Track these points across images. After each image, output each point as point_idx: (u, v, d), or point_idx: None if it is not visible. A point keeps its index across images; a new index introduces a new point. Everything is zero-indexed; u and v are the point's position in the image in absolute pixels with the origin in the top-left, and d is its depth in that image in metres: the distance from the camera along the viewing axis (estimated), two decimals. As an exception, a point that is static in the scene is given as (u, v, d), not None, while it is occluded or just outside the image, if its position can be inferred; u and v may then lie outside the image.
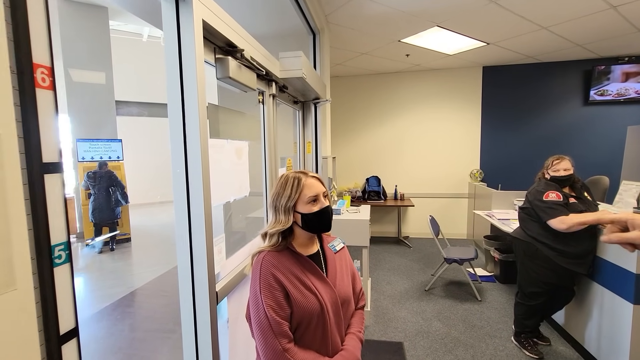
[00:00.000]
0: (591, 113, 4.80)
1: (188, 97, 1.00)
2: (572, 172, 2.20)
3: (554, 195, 2.14)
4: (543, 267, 2.21)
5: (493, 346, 2.45)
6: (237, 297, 1.35)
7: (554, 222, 2.08)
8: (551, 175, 2.23)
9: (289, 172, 1.03)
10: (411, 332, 2.65)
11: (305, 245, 1.05)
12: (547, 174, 2.27)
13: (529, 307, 2.34)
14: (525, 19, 3.27)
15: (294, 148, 2.66)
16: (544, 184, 2.24)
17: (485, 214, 3.73)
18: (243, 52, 1.29)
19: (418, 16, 3.20)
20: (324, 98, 2.52)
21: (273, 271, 0.94)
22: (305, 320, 0.94)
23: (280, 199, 0.99)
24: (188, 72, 1.00)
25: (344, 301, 1.03)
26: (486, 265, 3.98)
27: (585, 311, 2.27)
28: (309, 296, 0.94)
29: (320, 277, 1.00)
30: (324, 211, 0.99)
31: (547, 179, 2.26)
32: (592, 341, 2.20)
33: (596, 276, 2.16)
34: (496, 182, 4.91)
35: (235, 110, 1.56)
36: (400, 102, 5.40)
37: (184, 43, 1.00)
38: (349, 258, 1.17)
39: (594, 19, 3.27)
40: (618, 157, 4.49)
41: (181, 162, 1.01)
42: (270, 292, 0.91)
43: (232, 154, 1.42)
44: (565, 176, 2.19)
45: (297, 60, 1.77)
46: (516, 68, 4.95)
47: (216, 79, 1.25)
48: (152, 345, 2.64)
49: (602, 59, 4.64)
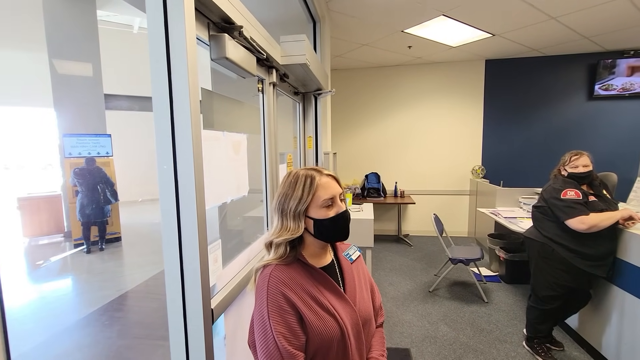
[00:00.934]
0: (596, 108, 4.70)
1: (177, 79, 0.82)
2: (591, 169, 2.07)
3: (572, 193, 2.00)
4: (559, 270, 2.08)
5: (504, 352, 2.33)
6: (235, 310, 1.18)
7: (573, 222, 1.95)
8: (569, 172, 2.10)
9: (299, 170, 0.86)
10: (418, 338, 2.52)
11: (318, 256, 0.88)
12: (565, 171, 2.13)
13: (542, 312, 2.22)
14: (534, 8, 3.12)
15: (294, 143, 2.49)
16: (561, 181, 2.10)
17: (490, 212, 3.60)
18: (242, 29, 1.11)
19: (424, 4, 3.03)
20: (326, 89, 2.35)
21: (283, 290, 0.77)
22: (323, 349, 0.78)
23: (288, 202, 0.82)
24: (176, 49, 0.82)
25: (366, 321, 0.87)
26: (490, 264, 3.86)
27: (602, 316, 2.15)
28: (326, 319, 0.78)
29: (338, 294, 0.84)
30: (342, 216, 0.83)
31: (564, 175, 2.13)
32: (610, 347, 2.08)
33: (616, 279, 2.04)
34: (498, 178, 4.78)
35: (233, 98, 1.39)
36: (400, 96, 5.24)
37: (171, 14, 0.82)
38: (366, 268, 1.01)
39: (606, 9, 3.14)
40: (624, 153, 4.41)
41: (169, 156, 0.83)
42: (280, 316, 0.75)
43: (229, 148, 1.25)
44: (585, 173, 2.05)
45: (300, 45, 1.60)
46: (519, 61, 4.81)
47: (210, 61, 1.07)
48: (142, 353, 2.47)
49: (608, 53, 4.52)
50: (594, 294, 2.20)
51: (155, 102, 0.83)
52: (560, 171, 2.18)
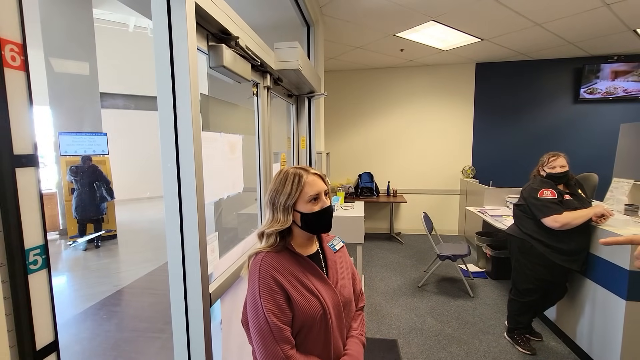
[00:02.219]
0: (581, 111, 4.86)
1: (180, 86, 0.93)
2: (567, 170, 2.20)
3: (548, 192, 2.14)
4: (537, 264, 2.21)
5: (486, 342, 2.46)
6: (230, 297, 1.28)
7: (548, 221, 2.09)
8: (547, 173, 2.23)
9: (289, 168, 0.97)
10: (405, 329, 2.64)
11: (304, 245, 0.99)
12: (543, 171, 2.27)
13: (522, 304, 2.35)
14: (520, 15, 3.26)
15: (288, 143, 2.59)
16: (539, 181, 2.23)
17: (478, 211, 3.74)
18: (238, 40, 1.22)
19: (414, 10, 3.15)
20: (318, 92, 2.46)
21: (273, 273, 0.88)
22: (307, 325, 0.88)
23: (279, 197, 0.93)
24: (180, 59, 0.93)
25: (346, 303, 0.98)
26: (478, 261, 4.00)
27: (577, 307, 2.29)
28: (311, 299, 0.89)
29: (321, 278, 0.95)
30: (325, 211, 0.94)
31: (543, 176, 2.26)
32: (584, 337, 2.22)
33: (589, 273, 2.18)
34: (488, 178, 4.93)
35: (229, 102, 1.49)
36: (393, 97, 5.36)
37: (175, 28, 0.92)
38: (349, 257, 1.12)
39: (587, 17, 3.29)
40: (607, 154, 4.57)
41: (172, 155, 0.94)
42: (270, 295, 0.85)
43: (226, 148, 1.35)
44: (561, 173, 2.19)
45: (293, 51, 1.70)
46: (509, 65, 4.96)
47: (208, 68, 1.17)
48: (140, 345, 2.56)
49: (593, 57, 4.69)
50: (569, 287, 2.34)
51: (160, 106, 0.93)
52: (539, 171, 2.31)
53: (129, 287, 3.64)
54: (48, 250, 0.53)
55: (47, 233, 0.53)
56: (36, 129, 0.53)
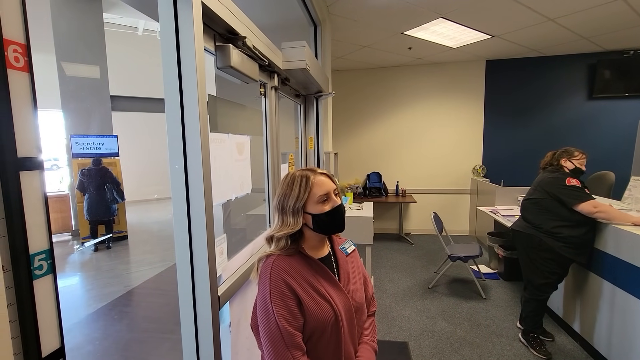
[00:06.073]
0: (595, 107, 4.74)
1: (187, 87, 0.92)
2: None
3: (574, 181, 2.13)
4: (548, 259, 2.20)
5: (500, 346, 2.40)
6: (239, 300, 1.27)
7: (586, 206, 2.05)
8: (576, 167, 2.20)
9: (295, 171, 0.95)
10: (416, 332, 2.60)
11: (316, 248, 0.97)
12: (572, 163, 2.22)
13: (539, 302, 2.30)
14: (532, 10, 3.18)
15: (296, 143, 2.57)
16: (561, 172, 2.22)
17: (489, 211, 3.67)
18: (245, 40, 1.20)
19: (423, 7, 3.10)
20: (326, 91, 2.43)
21: (284, 277, 0.86)
22: (318, 331, 0.86)
23: (287, 200, 0.91)
24: (187, 60, 0.92)
25: (358, 308, 0.95)
26: (490, 262, 3.93)
27: (594, 310, 2.22)
28: (322, 304, 0.87)
29: (333, 282, 0.93)
30: (337, 210, 0.91)
31: (568, 168, 2.22)
32: (601, 340, 2.15)
33: (594, 267, 2.19)
34: (499, 178, 4.84)
35: (236, 102, 1.48)
36: (401, 96, 5.31)
37: (181, 28, 0.91)
38: (360, 261, 1.09)
39: (602, 11, 3.19)
40: (623, 152, 4.44)
41: (180, 157, 0.92)
42: (282, 300, 0.83)
43: (233, 149, 1.34)
44: (584, 171, 2.22)
45: (301, 51, 1.68)
46: (520, 62, 4.86)
47: (215, 69, 1.16)
48: (151, 346, 2.57)
49: (607, 52, 4.56)
50: (584, 285, 2.32)
51: (167, 107, 0.92)
52: (564, 161, 2.24)
53: (139, 288, 3.67)
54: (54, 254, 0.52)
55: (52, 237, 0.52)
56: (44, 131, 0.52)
